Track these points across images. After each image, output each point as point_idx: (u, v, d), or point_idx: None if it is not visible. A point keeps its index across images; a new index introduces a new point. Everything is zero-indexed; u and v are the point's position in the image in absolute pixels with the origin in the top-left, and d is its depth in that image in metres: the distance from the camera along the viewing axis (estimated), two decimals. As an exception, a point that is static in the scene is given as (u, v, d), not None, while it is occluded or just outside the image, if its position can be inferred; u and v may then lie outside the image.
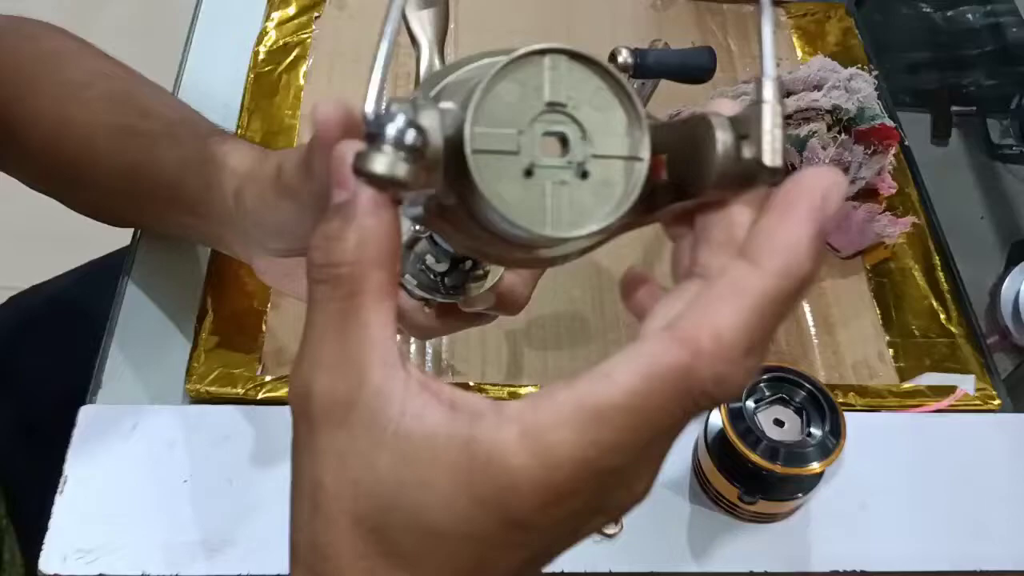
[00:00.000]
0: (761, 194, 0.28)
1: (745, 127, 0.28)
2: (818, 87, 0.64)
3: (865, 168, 0.64)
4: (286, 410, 0.27)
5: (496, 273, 0.42)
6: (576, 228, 0.27)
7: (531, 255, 0.30)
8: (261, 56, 0.75)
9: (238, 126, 0.69)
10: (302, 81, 0.73)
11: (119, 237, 0.66)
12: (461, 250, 0.33)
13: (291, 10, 0.78)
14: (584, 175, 0.28)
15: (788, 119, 0.63)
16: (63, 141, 0.54)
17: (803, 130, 0.62)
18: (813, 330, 0.63)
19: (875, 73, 0.66)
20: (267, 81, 0.73)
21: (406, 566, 0.26)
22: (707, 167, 0.28)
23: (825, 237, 0.27)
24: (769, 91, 0.28)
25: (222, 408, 0.55)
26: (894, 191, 0.66)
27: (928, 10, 0.88)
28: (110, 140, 0.53)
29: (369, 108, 0.26)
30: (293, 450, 0.28)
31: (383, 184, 0.26)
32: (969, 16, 0.87)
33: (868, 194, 0.66)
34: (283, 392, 0.56)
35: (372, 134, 0.26)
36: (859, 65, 0.67)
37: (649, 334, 0.26)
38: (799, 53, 0.80)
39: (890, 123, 0.63)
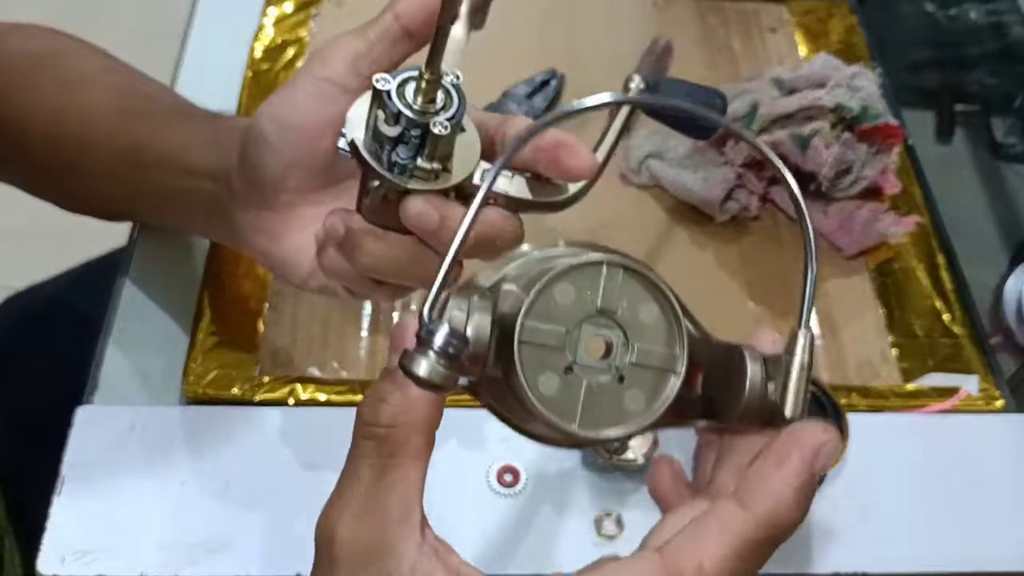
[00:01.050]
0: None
1: (774, 371, 0.31)
2: (821, 85, 0.64)
3: (868, 167, 0.64)
4: (284, 411, 0.28)
5: (451, 179, 0.38)
6: (602, 430, 0.30)
7: (567, 438, 0.32)
8: (258, 54, 0.74)
9: (237, 124, 0.69)
10: (301, 79, 0.73)
11: (117, 237, 0.66)
12: (500, 418, 0.35)
13: (288, 7, 0.78)
14: (621, 379, 0.31)
15: (791, 118, 0.63)
16: (62, 129, 0.53)
17: (806, 128, 0.62)
18: (816, 330, 0.63)
19: (878, 71, 0.65)
20: (265, 79, 0.73)
21: None
22: (735, 399, 0.31)
23: (814, 487, 0.30)
24: (800, 344, 0.31)
25: (219, 409, 0.55)
26: (897, 190, 0.66)
27: (931, 8, 0.88)
28: (112, 123, 0.53)
29: (425, 310, 0.29)
30: None
31: (422, 384, 0.29)
32: (972, 14, 0.87)
33: (871, 193, 0.66)
34: (281, 392, 0.56)
35: (421, 337, 0.29)
36: (862, 63, 0.66)
37: (646, 552, 0.29)
38: (802, 51, 0.79)
39: (893, 121, 0.63)
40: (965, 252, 0.67)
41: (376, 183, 0.38)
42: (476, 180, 0.39)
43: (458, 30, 0.42)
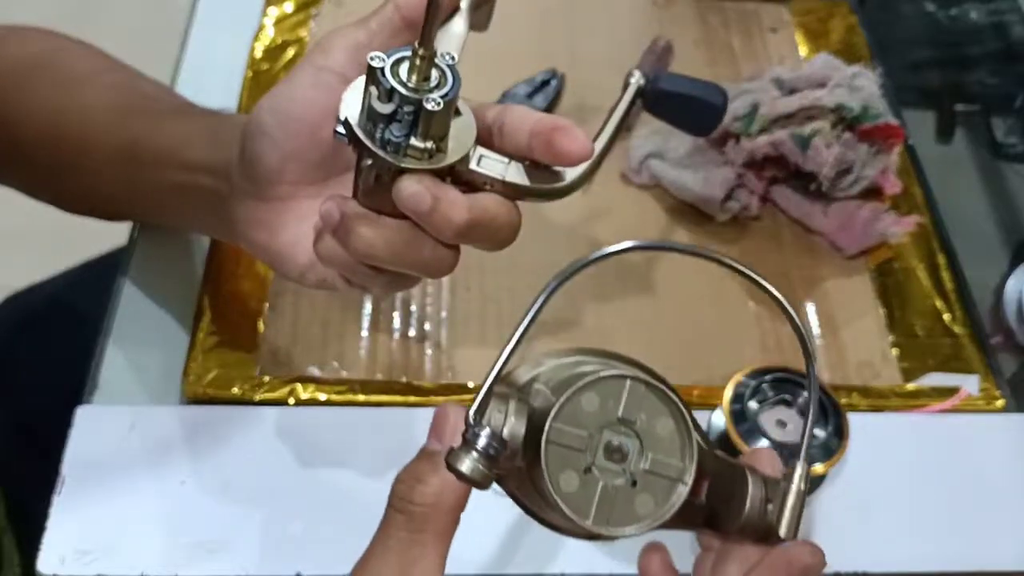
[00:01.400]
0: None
1: (773, 493, 0.36)
2: (822, 85, 0.64)
3: (869, 167, 0.64)
4: (283, 410, 0.28)
5: (445, 159, 0.38)
6: (613, 528, 0.34)
7: (580, 531, 0.35)
8: (259, 54, 0.74)
9: (237, 124, 0.69)
10: (301, 79, 0.73)
11: (116, 237, 0.66)
12: (520, 504, 0.39)
13: (289, 8, 0.78)
14: (634, 483, 0.34)
15: (791, 117, 0.63)
16: (60, 129, 0.53)
17: (806, 128, 0.62)
18: (816, 330, 0.63)
19: (879, 71, 0.65)
20: (265, 79, 0.72)
21: None
22: (735, 513, 0.36)
23: None
24: (798, 474, 0.36)
25: (219, 408, 0.55)
26: (898, 190, 0.66)
27: (932, 8, 0.88)
28: (110, 120, 0.52)
29: (471, 413, 0.33)
30: None
31: (463, 479, 0.33)
32: (973, 14, 0.87)
33: (872, 193, 0.66)
34: (281, 392, 0.56)
35: (467, 438, 0.33)
36: (863, 63, 0.66)
37: None
38: (803, 51, 0.79)
39: (894, 121, 0.63)
40: (965, 252, 0.67)
41: (369, 161, 0.38)
42: (472, 165, 0.39)
43: (458, 24, 0.42)
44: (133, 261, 0.62)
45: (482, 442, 0.33)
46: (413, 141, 0.37)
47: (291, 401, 0.56)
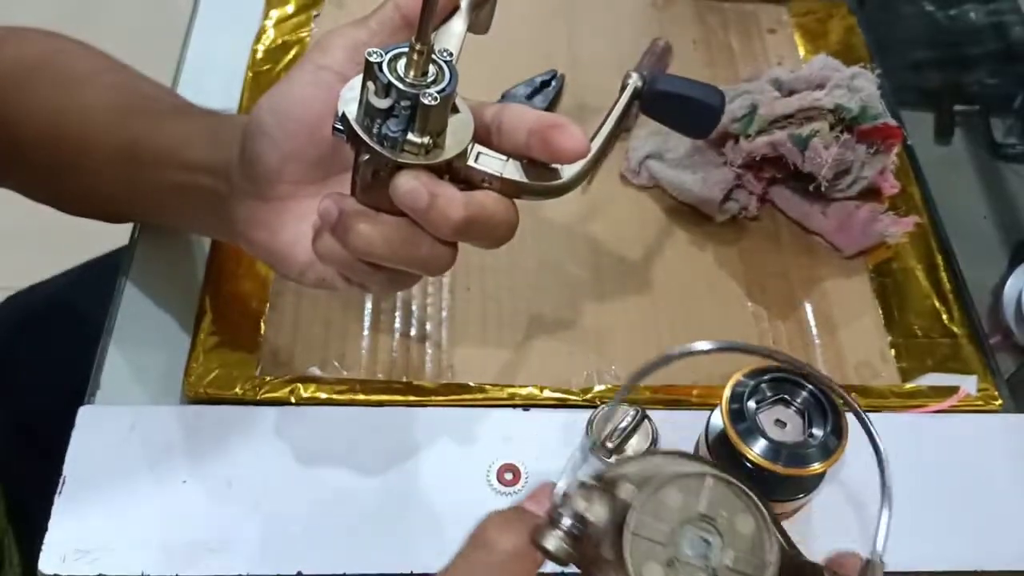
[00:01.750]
0: None
1: None
2: (820, 86, 0.64)
3: (868, 167, 0.64)
4: (284, 410, 0.27)
5: (443, 154, 0.38)
6: None
7: None
8: (259, 55, 0.74)
9: (237, 125, 0.69)
10: (302, 80, 0.73)
11: (117, 237, 0.66)
12: None
13: (290, 8, 0.78)
14: None
15: (790, 118, 0.63)
16: (60, 130, 0.53)
17: (805, 129, 0.62)
18: (815, 330, 0.63)
19: (878, 72, 0.65)
20: (266, 80, 0.73)
21: None
22: None
23: None
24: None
25: (221, 408, 0.55)
26: (897, 190, 0.66)
27: (931, 9, 0.88)
28: (110, 121, 0.52)
29: (558, 494, 0.37)
30: None
31: (548, 556, 0.35)
32: (972, 15, 0.87)
33: (870, 193, 0.66)
34: (282, 392, 0.56)
35: (552, 516, 0.35)
36: (862, 64, 0.66)
37: None
38: (801, 52, 0.79)
39: (893, 122, 0.63)
40: (964, 252, 0.67)
41: (366, 157, 0.38)
42: (470, 161, 0.39)
43: (458, 23, 0.42)
44: (134, 261, 0.62)
45: (566, 522, 0.35)
46: (410, 136, 0.37)
47: (292, 401, 0.56)
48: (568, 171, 0.41)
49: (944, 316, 0.64)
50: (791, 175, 0.65)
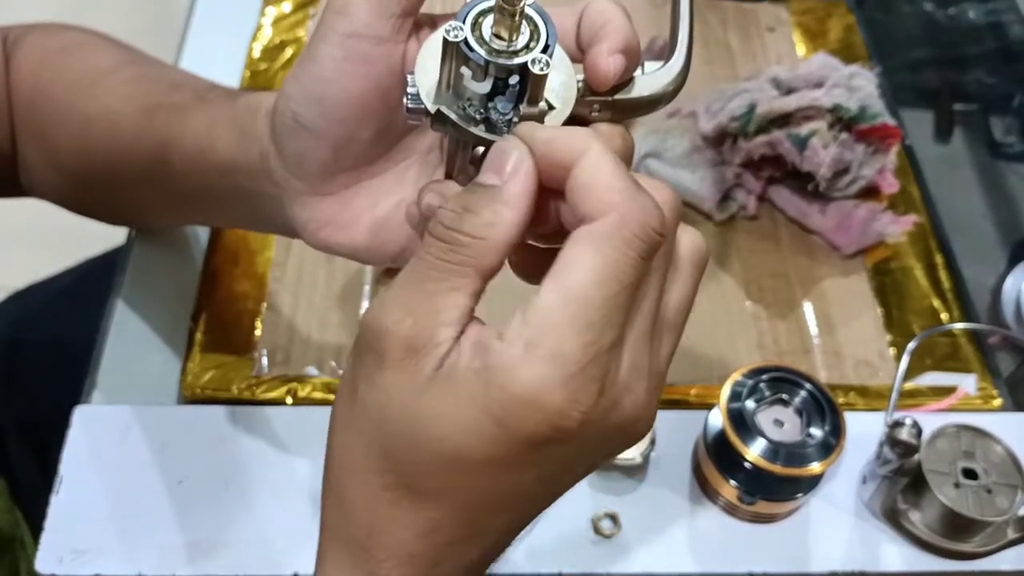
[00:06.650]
0: None
1: None
2: (819, 85, 0.64)
3: (866, 167, 0.64)
4: (282, 410, 0.28)
5: (560, 114, 0.32)
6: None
7: None
8: (257, 54, 0.74)
9: (235, 124, 0.69)
10: (300, 79, 0.73)
11: (116, 237, 0.66)
12: None
13: (287, 7, 0.78)
14: (988, 491, 0.50)
15: (788, 117, 0.63)
16: (89, 142, 0.51)
17: (804, 129, 0.62)
18: (814, 330, 0.63)
19: (876, 71, 0.65)
20: (263, 78, 0.73)
21: (429, 499, 0.30)
22: None
23: None
24: None
25: (217, 408, 0.55)
26: (895, 189, 0.66)
27: (930, 8, 0.88)
28: (135, 123, 0.48)
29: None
30: (345, 378, 0.32)
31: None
32: (971, 14, 0.87)
33: (869, 192, 0.66)
34: (279, 392, 0.56)
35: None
36: (860, 63, 0.66)
37: (576, 234, 0.29)
38: (800, 50, 0.79)
39: (892, 121, 0.63)
40: (963, 251, 0.67)
41: (480, 149, 0.32)
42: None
43: None
44: (132, 261, 0.62)
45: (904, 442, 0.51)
46: (524, 109, 0.31)
47: (289, 401, 0.56)
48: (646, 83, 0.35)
49: (943, 315, 0.63)
50: (790, 174, 0.65)
